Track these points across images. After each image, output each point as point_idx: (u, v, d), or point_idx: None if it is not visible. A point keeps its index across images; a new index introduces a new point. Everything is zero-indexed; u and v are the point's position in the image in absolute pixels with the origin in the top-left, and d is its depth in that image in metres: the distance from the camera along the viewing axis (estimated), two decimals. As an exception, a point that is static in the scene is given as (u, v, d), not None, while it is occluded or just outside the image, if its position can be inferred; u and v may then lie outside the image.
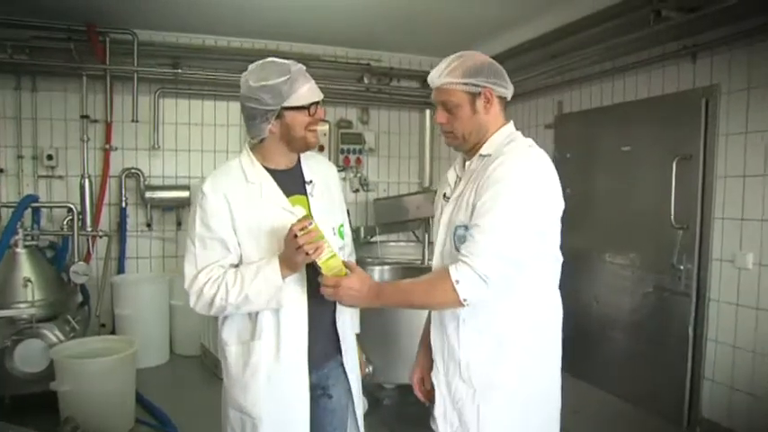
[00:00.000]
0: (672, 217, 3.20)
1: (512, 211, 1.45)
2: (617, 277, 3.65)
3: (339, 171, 3.09)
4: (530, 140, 1.59)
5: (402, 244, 5.04)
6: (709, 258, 3.11)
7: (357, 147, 5.09)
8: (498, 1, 3.74)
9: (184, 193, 4.54)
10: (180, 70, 4.35)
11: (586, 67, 3.81)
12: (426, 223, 4.52)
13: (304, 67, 1.72)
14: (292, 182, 1.78)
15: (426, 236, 4.22)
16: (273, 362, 1.69)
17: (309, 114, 1.70)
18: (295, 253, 1.58)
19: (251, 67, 1.71)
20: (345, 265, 1.59)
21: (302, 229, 1.55)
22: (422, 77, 5.08)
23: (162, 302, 4.35)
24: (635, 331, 3.55)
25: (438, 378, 1.63)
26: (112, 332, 4.24)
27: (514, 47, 4.11)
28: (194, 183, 4.60)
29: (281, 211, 1.72)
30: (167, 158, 4.62)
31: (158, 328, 4.33)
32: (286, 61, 1.70)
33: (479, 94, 1.57)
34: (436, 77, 1.59)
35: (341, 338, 1.82)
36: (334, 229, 1.81)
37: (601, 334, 3.75)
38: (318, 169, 1.87)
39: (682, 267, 3.20)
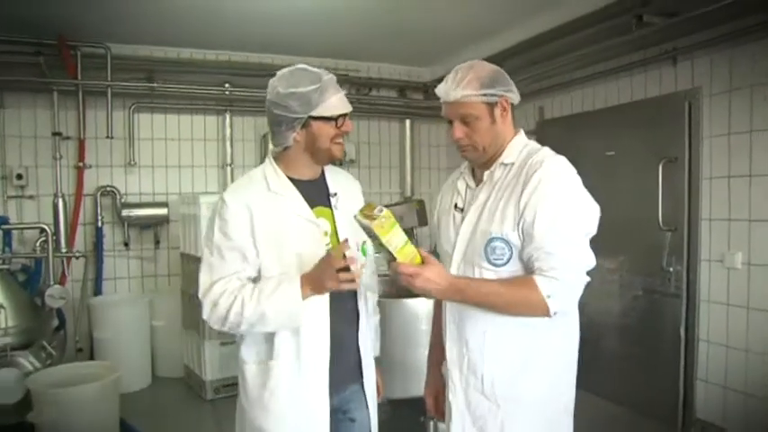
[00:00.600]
0: (659, 219, 3.20)
1: (577, 221, 1.46)
2: (606, 281, 3.64)
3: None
4: (547, 148, 1.56)
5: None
6: (698, 259, 3.12)
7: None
8: (478, 9, 3.72)
9: (162, 211, 4.40)
10: (155, 84, 4.22)
11: (568, 73, 3.82)
12: (410, 234, 4.43)
13: (335, 78, 1.67)
14: (316, 193, 1.72)
15: None
16: (293, 384, 1.62)
17: (336, 126, 1.65)
18: (328, 277, 1.51)
19: (280, 72, 1.66)
20: (420, 253, 1.48)
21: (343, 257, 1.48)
22: (401, 87, 5.10)
23: (142, 324, 4.18)
24: (626, 334, 3.54)
25: (455, 393, 1.57)
26: (91, 357, 4.06)
27: (495, 54, 4.09)
28: (172, 199, 4.47)
29: (305, 223, 1.66)
30: (144, 175, 4.46)
31: (139, 350, 4.16)
32: (317, 69, 1.65)
33: (496, 103, 1.54)
34: (452, 91, 1.54)
35: (363, 361, 1.74)
36: (357, 244, 1.72)
37: (590, 338, 3.67)
38: (342, 183, 1.81)
39: (671, 269, 3.20)
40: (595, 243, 1.51)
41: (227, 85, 4.47)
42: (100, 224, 4.28)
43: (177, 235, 4.32)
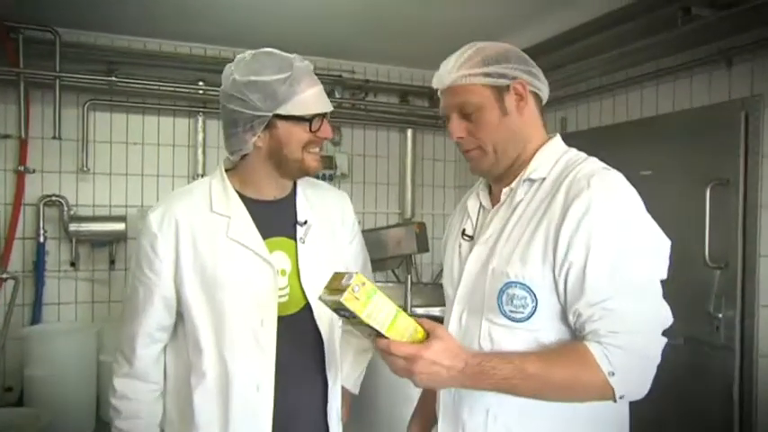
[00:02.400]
0: (706, 254, 2.87)
1: (647, 263, 1.20)
2: (638, 326, 3.30)
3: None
4: (594, 158, 1.31)
5: (379, 285, 4.63)
6: (756, 304, 2.77)
7: (328, 172, 4.70)
8: (492, 3, 3.48)
9: (119, 226, 4.09)
10: (114, 78, 3.94)
11: (596, 78, 3.56)
12: (408, 261, 4.18)
13: (311, 66, 1.49)
14: (278, 218, 1.51)
15: (409, 277, 3.84)
16: None
17: (311, 130, 1.41)
18: None
19: (239, 56, 1.49)
20: (421, 324, 1.17)
21: None
22: (402, 91, 4.86)
23: (87, 358, 3.81)
24: (664, 394, 3.12)
25: None
26: (20, 399, 3.69)
27: (511, 55, 3.84)
28: (132, 213, 4.17)
29: (252, 258, 1.43)
30: (99, 184, 4.16)
31: (82, 390, 3.77)
32: (288, 55, 1.48)
33: (507, 87, 1.27)
34: (446, 74, 1.32)
35: None
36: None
37: (621, 395, 3.36)
38: (322, 205, 1.57)
39: (720, 315, 2.86)
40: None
41: (201, 83, 4.21)
42: (42, 239, 3.95)
43: (136, 254, 4.02)
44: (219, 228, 1.44)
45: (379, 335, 1.12)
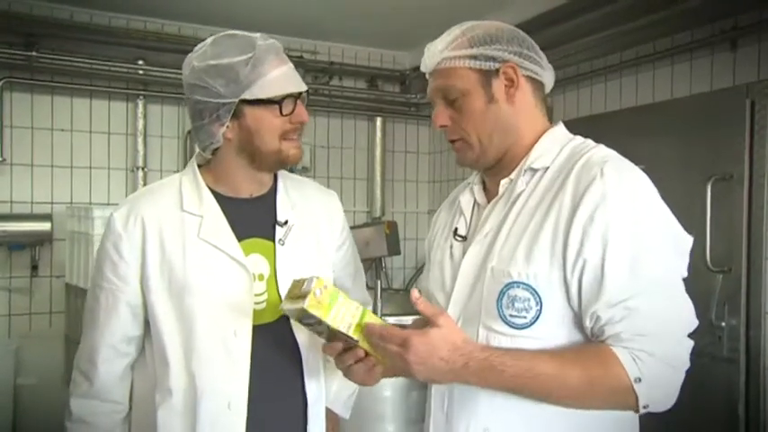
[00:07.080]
0: (707, 257, 2.88)
1: (669, 260, 1.19)
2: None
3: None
4: (603, 146, 1.32)
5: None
6: (763, 312, 2.80)
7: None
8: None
9: (44, 226, 3.96)
10: (35, 53, 3.78)
11: (585, 62, 3.59)
12: (377, 264, 4.16)
13: (279, 45, 1.52)
14: (255, 218, 1.53)
15: (379, 283, 3.85)
16: None
17: (282, 113, 1.45)
18: None
19: (201, 44, 1.52)
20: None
21: None
22: (371, 75, 4.84)
23: (2, 382, 3.69)
24: (661, 412, 3.18)
25: None
26: None
27: (493, 34, 3.87)
28: (59, 211, 4.03)
29: (226, 261, 1.45)
30: (19, 177, 4.01)
31: (-5, 418, 3.67)
32: (251, 34, 1.51)
33: (497, 72, 1.30)
34: (431, 56, 1.34)
35: None
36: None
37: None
38: (306, 204, 1.59)
39: (723, 324, 2.89)
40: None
41: (140, 62, 4.11)
42: (-55, 241, 3.81)
43: (63, 260, 3.86)
44: (190, 228, 1.47)
45: (348, 340, 1.18)
